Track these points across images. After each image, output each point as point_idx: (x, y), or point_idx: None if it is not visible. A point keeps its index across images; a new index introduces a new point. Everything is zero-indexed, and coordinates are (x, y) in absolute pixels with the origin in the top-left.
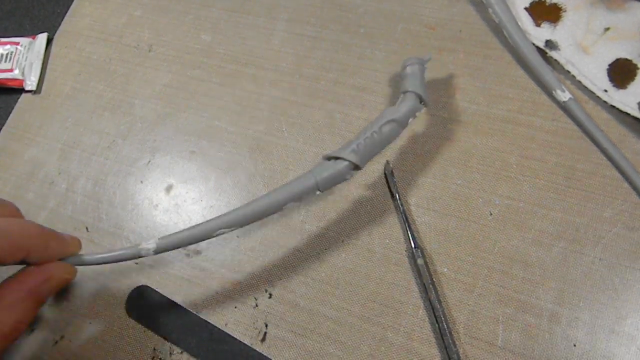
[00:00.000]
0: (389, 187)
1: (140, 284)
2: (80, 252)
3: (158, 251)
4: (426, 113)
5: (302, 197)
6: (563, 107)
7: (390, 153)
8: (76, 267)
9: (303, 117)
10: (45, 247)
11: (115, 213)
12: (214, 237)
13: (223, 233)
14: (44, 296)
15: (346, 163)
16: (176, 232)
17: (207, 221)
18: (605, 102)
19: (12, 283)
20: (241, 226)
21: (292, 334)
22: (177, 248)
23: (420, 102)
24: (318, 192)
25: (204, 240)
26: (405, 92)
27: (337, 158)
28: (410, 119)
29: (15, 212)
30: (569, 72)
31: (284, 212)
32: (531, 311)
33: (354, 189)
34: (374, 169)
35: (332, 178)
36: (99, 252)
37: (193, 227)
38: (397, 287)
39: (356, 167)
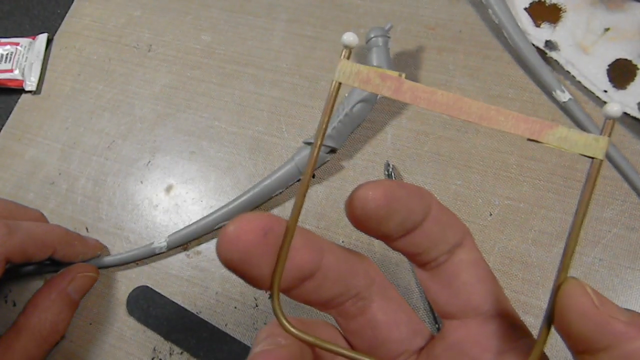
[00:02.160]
0: None
1: (141, 285)
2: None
3: (170, 247)
4: (427, 114)
5: (287, 184)
6: (563, 107)
7: (390, 153)
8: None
9: (303, 117)
10: (69, 245)
11: (115, 213)
12: (216, 229)
13: (223, 225)
14: (73, 296)
15: (323, 148)
16: (182, 228)
17: (208, 215)
18: (605, 102)
19: (43, 288)
20: None
21: None
22: (185, 243)
23: None
24: (301, 177)
25: (207, 233)
26: None
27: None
28: (379, 95)
29: (40, 218)
30: (568, 72)
31: (284, 212)
32: (531, 312)
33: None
34: (374, 169)
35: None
36: (116, 253)
37: (196, 222)
38: (397, 288)
39: (333, 150)
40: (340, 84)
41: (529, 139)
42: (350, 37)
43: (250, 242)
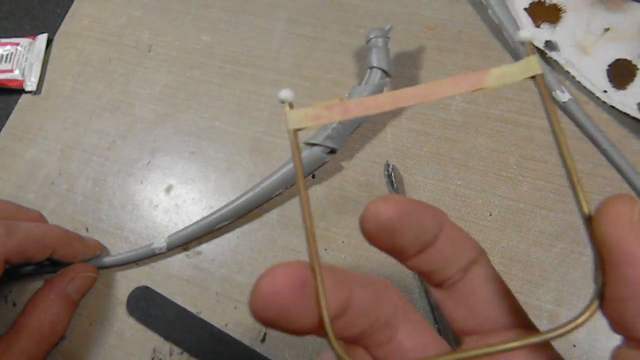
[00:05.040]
0: (389, 187)
1: (141, 285)
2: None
3: (170, 247)
4: (427, 114)
5: (287, 184)
6: (563, 107)
7: (390, 153)
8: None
9: None
10: (68, 245)
11: (115, 213)
12: (215, 229)
13: (223, 226)
14: (72, 297)
15: (323, 148)
16: (182, 229)
17: (208, 216)
18: (604, 102)
19: (43, 288)
20: (238, 217)
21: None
22: (185, 243)
23: (386, 76)
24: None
25: (207, 233)
26: (370, 69)
27: (314, 144)
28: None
29: (39, 218)
30: (568, 72)
31: (284, 212)
32: (531, 312)
33: (354, 189)
34: (374, 169)
35: (312, 164)
36: (116, 253)
37: (196, 222)
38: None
39: (333, 150)
40: (296, 130)
41: (474, 91)
42: (286, 94)
43: (288, 298)
